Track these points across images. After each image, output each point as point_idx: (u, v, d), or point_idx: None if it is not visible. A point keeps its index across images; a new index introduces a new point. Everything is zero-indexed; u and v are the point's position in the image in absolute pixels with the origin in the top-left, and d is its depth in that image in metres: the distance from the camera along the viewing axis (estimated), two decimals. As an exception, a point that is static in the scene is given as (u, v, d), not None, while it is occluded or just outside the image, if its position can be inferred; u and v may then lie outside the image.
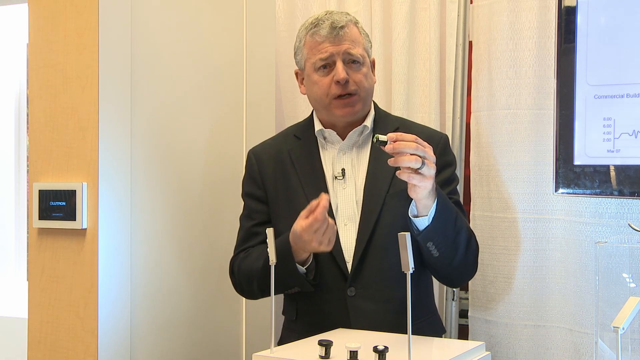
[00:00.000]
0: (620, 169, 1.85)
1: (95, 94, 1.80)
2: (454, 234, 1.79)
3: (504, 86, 2.20)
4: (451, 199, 1.91)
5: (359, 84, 1.88)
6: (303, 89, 1.97)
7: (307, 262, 1.81)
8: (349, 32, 1.88)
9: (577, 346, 2.07)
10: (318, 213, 1.68)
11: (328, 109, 1.90)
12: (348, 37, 1.87)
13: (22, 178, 3.26)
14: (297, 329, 1.90)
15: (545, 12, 2.14)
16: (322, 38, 1.87)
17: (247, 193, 2.01)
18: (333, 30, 1.86)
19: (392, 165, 1.65)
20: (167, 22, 2.05)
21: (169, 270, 2.04)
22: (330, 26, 1.86)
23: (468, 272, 1.95)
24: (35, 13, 1.90)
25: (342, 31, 1.87)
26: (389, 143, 1.63)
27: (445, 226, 1.75)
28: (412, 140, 1.64)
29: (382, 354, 1.41)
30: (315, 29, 1.89)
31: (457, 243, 1.80)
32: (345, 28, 1.87)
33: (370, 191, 1.88)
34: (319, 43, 1.88)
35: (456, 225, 1.79)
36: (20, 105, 3.28)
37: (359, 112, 1.91)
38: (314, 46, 1.89)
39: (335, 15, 1.90)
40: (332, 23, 1.87)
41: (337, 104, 1.88)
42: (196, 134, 2.16)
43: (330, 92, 1.87)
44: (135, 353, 1.91)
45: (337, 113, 1.89)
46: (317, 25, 1.89)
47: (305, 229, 1.70)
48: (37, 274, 1.88)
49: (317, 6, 2.53)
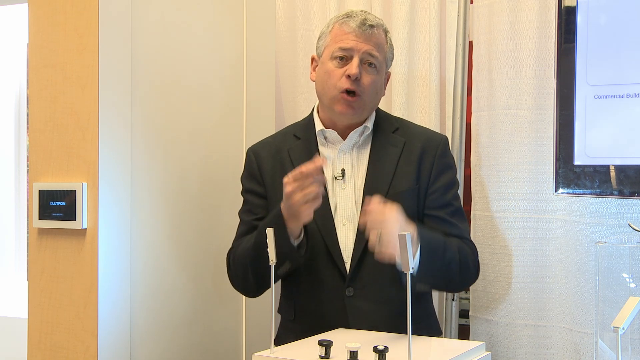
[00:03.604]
0: (620, 169, 1.85)
1: (95, 94, 1.80)
2: (444, 270, 1.80)
3: (504, 86, 2.20)
4: (452, 205, 1.92)
5: (366, 87, 1.87)
6: (313, 76, 1.98)
7: (299, 239, 1.80)
8: (377, 35, 1.89)
9: (577, 346, 2.07)
10: (304, 167, 1.69)
11: (332, 100, 1.89)
12: (374, 39, 1.88)
13: (22, 178, 3.26)
14: (295, 328, 1.90)
15: (545, 12, 2.14)
16: (350, 29, 1.88)
17: (247, 189, 2.00)
18: (362, 26, 1.87)
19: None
20: (167, 22, 2.05)
21: (169, 270, 2.05)
22: (362, 22, 1.87)
23: (467, 284, 2.01)
24: (35, 13, 1.90)
25: (370, 30, 1.87)
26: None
27: (432, 268, 1.75)
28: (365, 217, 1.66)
29: (382, 354, 1.41)
30: (347, 19, 1.90)
31: (449, 273, 1.82)
32: (375, 29, 1.88)
33: (369, 192, 1.88)
34: (345, 33, 1.88)
35: (444, 261, 1.80)
36: (20, 105, 3.28)
37: (356, 115, 1.90)
38: (339, 34, 1.89)
39: (370, 16, 1.91)
40: (364, 20, 1.88)
41: (340, 99, 1.88)
42: (196, 134, 2.16)
43: (339, 85, 1.87)
44: (135, 353, 1.91)
45: (337, 108, 1.89)
46: (350, 17, 1.90)
47: (290, 182, 1.70)
48: (37, 274, 1.88)
49: (317, 6, 2.53)
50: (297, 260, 1.81)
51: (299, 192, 1.70)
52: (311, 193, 1.70)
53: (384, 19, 2.40)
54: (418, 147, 1.92)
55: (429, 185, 1.91)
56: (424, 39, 2.38)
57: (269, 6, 2.48)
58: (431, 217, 1.90)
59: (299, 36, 2.55)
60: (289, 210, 1.74)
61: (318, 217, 1.85)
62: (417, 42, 2.39)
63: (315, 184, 1.70)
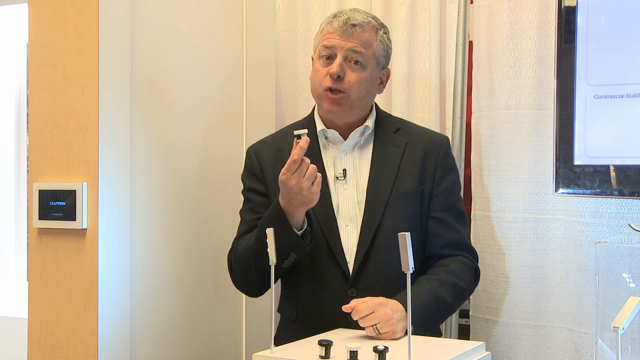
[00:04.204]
0: (620, 169, 1.85)
1: (95, 94, 1.80)
2: (441, 319, 1.96)
3: (504, 86, 2.20)
4: (455, 208, 1.93)
5: (351, 84, 1.87)
6: (310, 75, 1.99)
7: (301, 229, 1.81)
8: (361, 33, 1.89)
9: (577, 346, 2.07)
10: (294, 153, 1.70)
11: (319, 98, 1.92)
12: (358, 37, 1.88)
13: (22, 178, 3.26)
14: (296, 329, 1.89)
15: (545, 12, 2.14)
16: (333, 29, 1.89)
17: (248, 188, 2.00)
18: (344, 25, 1.88)
19: None
20: (167, 22, 2.05)
21: (169, 270, 2.04)
22: (344, 21, 1.88)
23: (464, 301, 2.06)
24: (35, 13, 1.90)
25: (353, 29, 1.88)
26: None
27: (429, 327, 1.82)
28: (363, 315, 1.67)
29: (382, 354, 1.42)
30: (332, 19, 1.91)
31: (447, 316, 1.99)
32: (358, 27, 1.88)
33: (373, 192, 1.88)
34: (329, 32, 1.90)
35: (439, 319, 1.92)
36: (20, 105, 3.28)
37: (345, 113, 1.90)
38: (325, 34, 1.92)
39: (356, 14, 1.92)
40: (348, 18, 1.89)
41: (326, 97, 1.89)
42: (196, 134, 2.16)
43: (323, 83, 1.89)
44: (135, 353, 1.91)
45: (324, 106, 1.90)
46: (336, 16, 1.92)
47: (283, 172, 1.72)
48: (37, 274, 1.88)
49: (317, 6, 2.53)
50: (303, 249, 1.81)
51: (294, 177, 1.71)
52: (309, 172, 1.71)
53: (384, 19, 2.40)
54: (420, 148, 1.92)
55: (434, 187, 1.91)
56: (424, 39, 2.38)
57: (269, 6, 2.48)
58: (435, 219, 1.91)
59: (299, 36, 2.55)
60: (292, 201, 1.74)
61: (320, 217, 1.85)
62: (417, 42, 2.39)
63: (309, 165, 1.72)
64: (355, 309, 1.68)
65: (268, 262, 1.56)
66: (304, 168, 1.71)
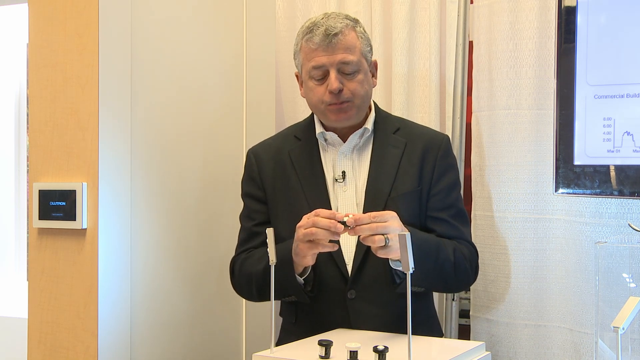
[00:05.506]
0: (620, 169, 1.85)
1: (95, 94, 1.80)
2: (437, 271, 1.80)
3: (504, 86, 2.20)
4: (455, 207, 1.92)
5: (353, 92, 1.86)
6: (302, 92, 1.96)
7: (305, 274, 1.81)
8: (344, 40, 1.84)
9: (577, 346, 2.07)
10: (327, 222, 1.66)
11: (323, 114, 1.89)
12: (342, 45, 1.83)
13: (22, 178, 3.26)
14: (296, 331, 1.89)
15: (545, 12, 2.14)
16: (316, 45, 1.84)
17: (246, 193, 2.00)
18: (326, 38, 1.82)
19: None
20: (167, 22, 2.05)
21: (169, 270, 2.04)
22: (324, 33, 1.83)
23: (464, 284, 2.00)
24: (35, 13, 1.90)
25: (335, 39, 1.83)
26: (350, 227, 1.65)
27: (425, 269, 1.75)
28: (369, 221, 1.64)
29: (382, 354, 1.42)
30: (310, 35, 1.85)
31: (443, 274, 1.82)
32: (340, 35, 1.83)
33: (372, 194, 1.87)
34: (312, 50, 1.85)
35: (438, 262, 1.80)
36: (20, 105, 3.28)
37: (353, 118, 1.89)
38: (308, 53, 1.86)
39: (331, 20, 1.85)
40: (326, 30, 1.83)
41: (331, 110, 1.87)
42: (196, 134, 2.16)
43: (325, 100, 1.86)
44: (135, 353, 1.91)
45: (331, 118, 1.88)
46: (312, 31, 1.85)
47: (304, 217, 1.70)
48: (37, 274, 1.88)
49: (317, 6, 2.53)
50: (303, 298, 1.82)
51: (302, 229, 1.69)
52: (314, 234, 1.67)
53: (384, 19, 2.40)
54: (420, 148, 1.92)
55: (432, 187, 1.90)
56: (424, 39, 2.38)
57: (269, 6, 2.49)
58: (434, 218, 1.90)
59: (299, 36, 2.55)
60: (296, 249, 1.74)
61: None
62: (417, 42, 2.39)
63: (325, 232, 1.66)
64: (372, 214, 1.66)
65: (269, 291, 1.57)
66: (319, 222, 1.67)
